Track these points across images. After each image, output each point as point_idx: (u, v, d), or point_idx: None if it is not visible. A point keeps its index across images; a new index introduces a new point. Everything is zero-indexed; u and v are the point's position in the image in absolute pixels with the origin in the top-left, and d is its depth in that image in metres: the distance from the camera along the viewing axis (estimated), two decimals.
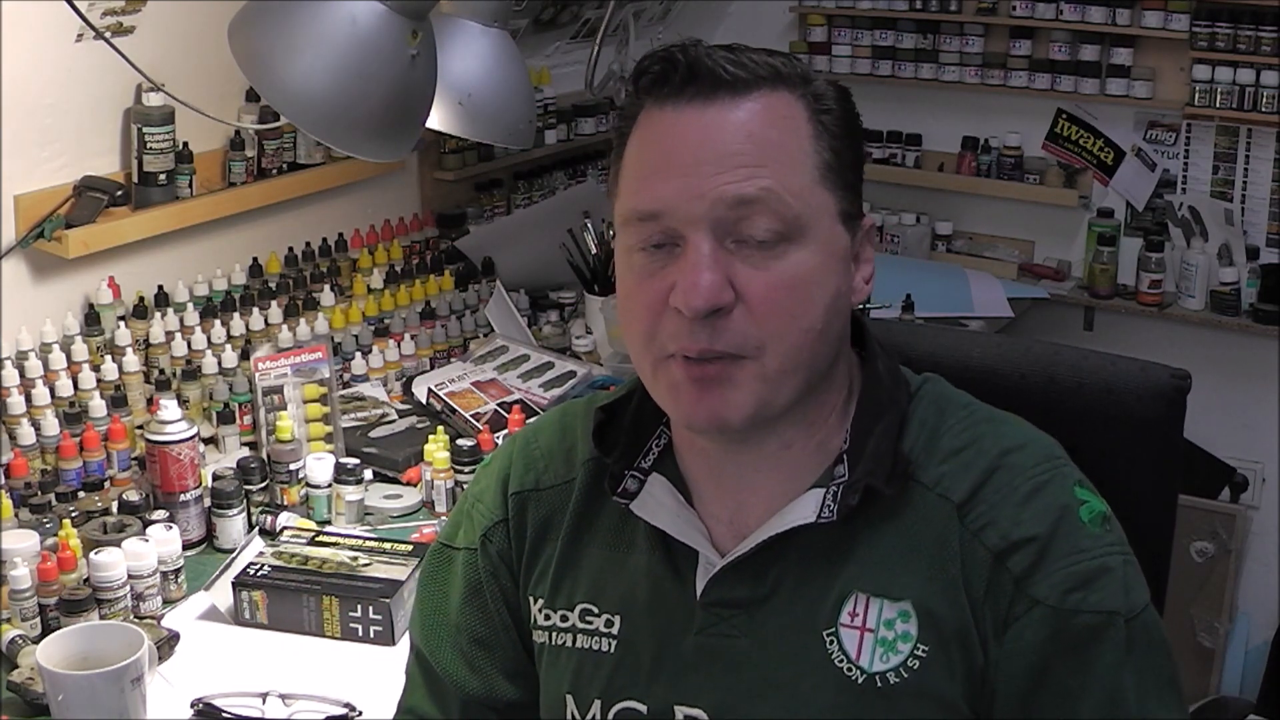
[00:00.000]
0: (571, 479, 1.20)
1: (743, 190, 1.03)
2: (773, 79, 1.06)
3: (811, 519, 1.08)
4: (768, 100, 1.05)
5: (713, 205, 1.03)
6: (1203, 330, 3.29)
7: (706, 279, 1.02)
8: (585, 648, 1.16)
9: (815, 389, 1.09)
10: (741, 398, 1.05)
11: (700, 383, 1.05)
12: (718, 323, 1.03)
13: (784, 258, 1.04)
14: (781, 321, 1.04)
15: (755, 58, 1.07)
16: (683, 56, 1.05)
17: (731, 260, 1.04)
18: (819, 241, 1.05)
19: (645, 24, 3.45)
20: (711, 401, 1.05)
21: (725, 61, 1.05)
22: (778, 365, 1.05)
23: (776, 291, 1.04)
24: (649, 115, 1.07)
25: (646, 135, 1.07)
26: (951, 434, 1.10)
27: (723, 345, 1.04)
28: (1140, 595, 1.06)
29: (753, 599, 1.10)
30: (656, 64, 1.07)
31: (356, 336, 2.54)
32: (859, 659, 1.06)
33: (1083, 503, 1.07)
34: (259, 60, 1.85)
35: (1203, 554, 3.26)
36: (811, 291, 1.05)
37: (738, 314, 1.03)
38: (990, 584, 1.04)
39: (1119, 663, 1.03)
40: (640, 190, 1.06)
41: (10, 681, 1.59)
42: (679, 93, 1.05)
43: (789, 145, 1.05)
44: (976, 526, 1.05)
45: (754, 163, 1.03)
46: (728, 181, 1.03)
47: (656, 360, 1.07)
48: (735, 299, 1.03)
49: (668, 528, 1.13)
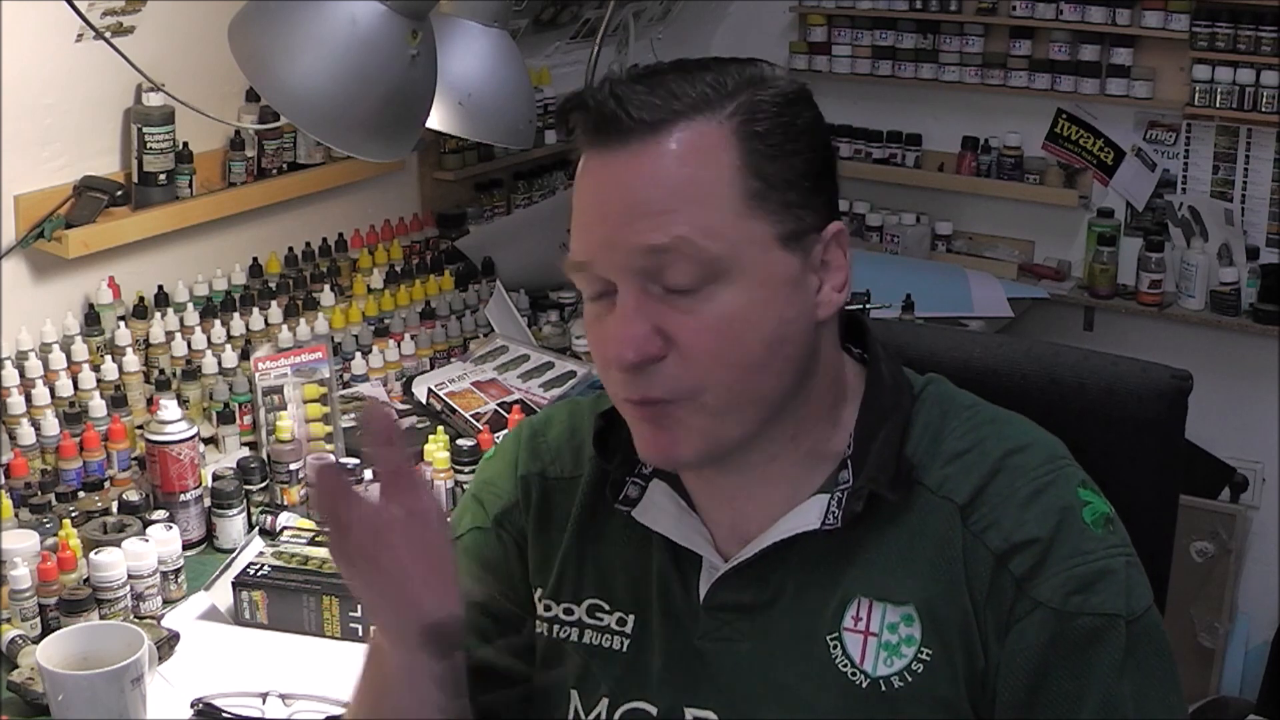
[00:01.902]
0: (579, 475, 1.19)
1: (653, 240, 1.00)
2: (690, 109, 1.02)
3: (816, 525, 1.08)
4: (683, 135, 1.02)
5: (628, 255, 1.01)
6: (1203, 330, 3.29)
7: (630, 332, 1.02)
8: (595, 644, 1.16)
9: (786, 407, 1.07)
10: (690, 437, 1.05)
11: (650, 423, 1.05)
12: (650, 371, 1.03)
13: (711, 299, 1.02)
14: (714, 364, 1.02)
15: (675, 86, 1.03)
16: (594, 99, 1.03)
17: (660, 307, 1.02)
18: (750, 276, 1.02)
19: (645, 24, 3.45)
20: (663, 441, 1.05)
21: (634, 104, 1.01)
22: (718, 404, 1.04)
23: (706, 336, 1.02)
24: (584, 159, 1.07)
25: (580, 182, 1.07)
26: (955, 436, 1.10)
27: (658, 392, 1.03)
28: (1142, 598, 1.05)
29: (756, 604, 1.09)
30: (574, 109, 1.05)
31: (356, 336, 2.54)
32: (863, 663, 1.06)
33: (1086, 504, 1.06)
34: (259, 60, 1.85)
35: (1203, 554, 3.25)
36: (744, 330, 1.02)
37: (670, 360, 1.02)
38: (992, 586, 1.04)
39: (1119, 666, 1.03)
40: (574, 239, 1.06)
41: (10, 681, 1.59)
42: (595, 139, 1.04)
43: (705, 183, 1.02)
44: (979, 528, 1.05)
45: (664, 209, 1.01)
46: (640, 231, 1.01)
47: (616, 402, 1.09)
48: (667, 346, 1.02)
49: (670, 533, 1.12)
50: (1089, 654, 1.03)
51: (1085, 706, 1.02)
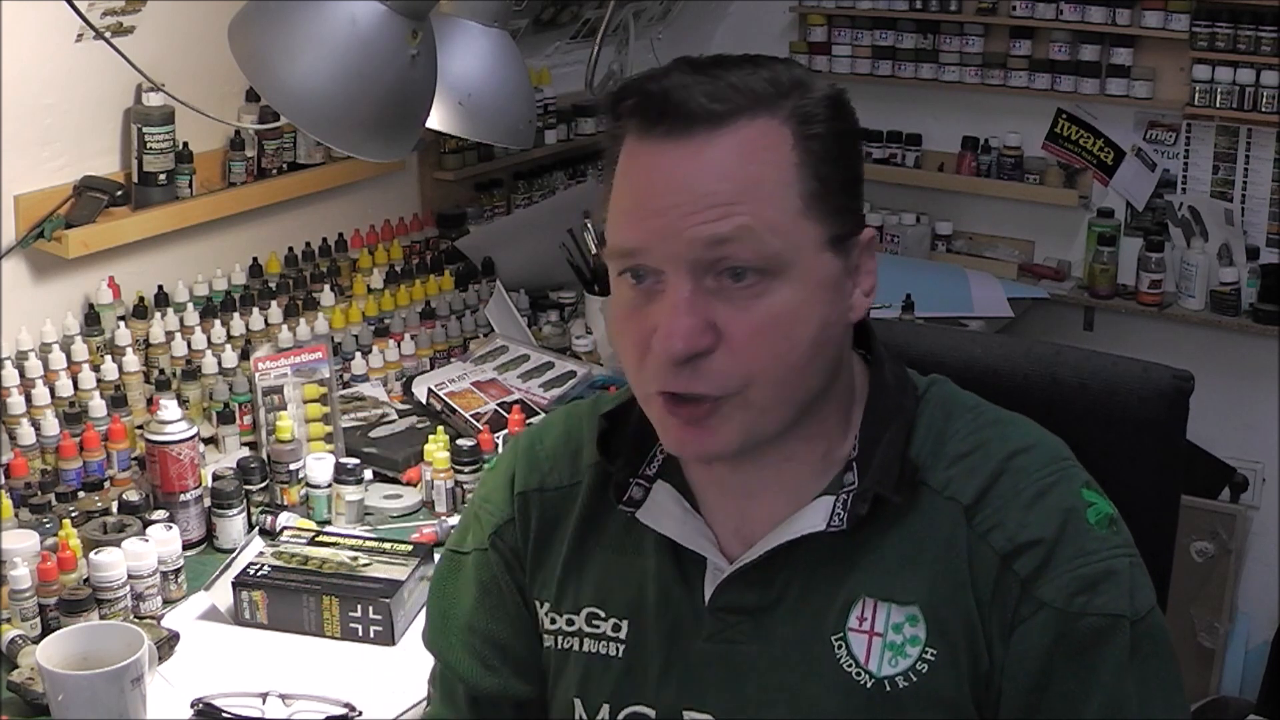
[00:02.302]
0: (577, 482, 1.19)
1: (717, 230, 1.00)
2: (752, 106, 1.02)
3: (821, 527, 1.08)
4: (746, 132, 1.02)
5: (689, 246, 1.01)
6: (1203, 330, 3.29)
7: (684, 325, 1.01)
8: (592, 651, 1.16)
9: (811, 407, 1.08)
10: (728, 431, 1.04)
11: (688, 424, 1.05)
12: (700, 365, 1.02)
13: (765, 296, 1.02)
14: (765, 361, 1.02)
15: (738, 80, 1.03)
16: (656, 88, 1.02)
17: (712, 301, 1.02)
18: (802, 276, 1.03)
19: (645, 24, 3.45)
20: (698, 436, 1.05)
21: (701, 93, 1.01)
22: (762, 401, 1.04)
23: (759, 332, 1.02)
24: (630, 146, 1.05)
25: (628, 169, 1.05)
26: (958, 437, 1.10)
27: (704, 387, 1.02)
28: (1146, 598, 1.06)
29: (761, 605, 1.10)
30: (632, 96, 1.04)
31: (356, 336, 2.54)
32: (868, 663, 1.06)
33: (1090, 505, 1.06)
34: (259, 60, 1.85)
35: (1203, 554, 3.25)
36: (795, 329, 1.03)
37: (719, 354, 1.02)
38: (997, 586, 1.04)
39: (1123, 666, 1.03)
40: (620, 226, 1.05)
41: (10, 681, 1.59)
42: (653, 128, 1.02)
43: (768, 179, 1.02)
44: (984, 529, 1.05)
45: (730, 200, 1.00)
46: (702, 221, 1.00)
47: (645, 394, 1.07)
48: (716, 340, 1.02)
49: (674, 535, 1.12)
50: (1093, 654, 1.03)
51: (1089, 707, 1.03)
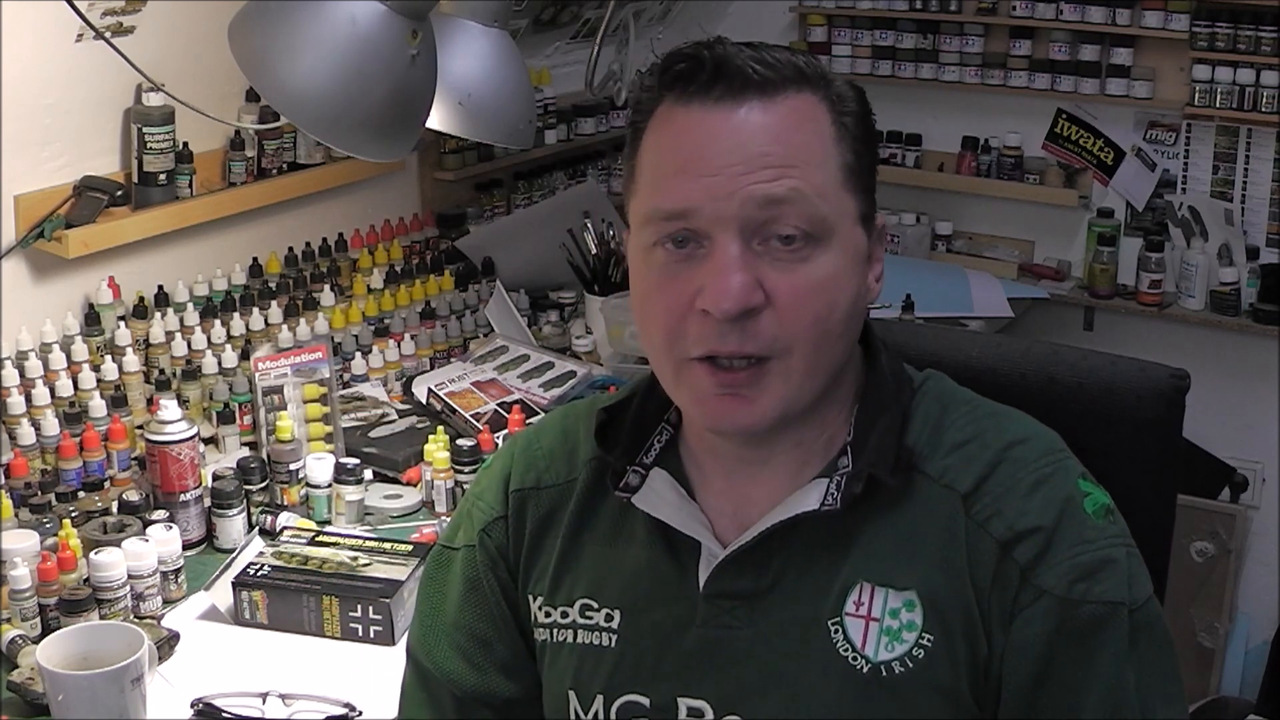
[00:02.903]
0: (573, 479, 1.20)
1: (772, 190, 1.02)
2: (798, 80, 1.06)
3: (814, 507, 1.08)
4: (794, 102, 1.05)
5: (742, 205, 1.03)
6: (1203, 330, 3.29)
7: (738, 280, 1.02)
8: (586, 643, 1.16)
9: (828, 388, 1.10)
10: (767, 402, 1.06)
11: (728, 392, 1.05)
12: (747, 325, 1.03)
13: (810, 260, 1.04)
14: (808, 324, 1.04)
15: (780, 56, 1.06)
16: (709, 54, 1.05)
17: (758, 262, 1.04)
18: (842, 244, 1.06)
19: (645, 24, 3.45)
20: (738, 407, 1.06)
21: (752, 61, 1.04)
22: (802, 367, 1.05)
23: (805, 294, 1.04)
24: (670, 112, 1.06)
25: (669, 132, 1.06)
26: (955, 428, 1.11)
27: (752, 347, 1.04)
28: (1143, 587, 1.07)
29: (755, 590, 1.10)
30: (682, 61, 1.06)
31: (356, 336, 2.54)
32: (864, 648, 1.07)
33: (1086, 495, 1.07)
34: (259, 60, 1.85)
35: (1203, 554, 3.25)
36: (836, 294, 1.05)
37: (766, 316, 1.04)
38: (997, 574, 1.05)
39: (1122, 654, 1.04)
40: (665, 189, 1.06)
41: (10, 681, 1.59)
42: (705, 92, 1.04)
43: (814, 147, 1.05)
44: (982, 517, 1.06)
45: (782, 163, 1.03)
46: (756, 182, 1.02)
47: (680, 363, 1.07)
48: (765, 301, 1.03)
49: (669, 520, 1.13)
50: (1093, 642, 1.03)
51: (1089, 694, 1.03)
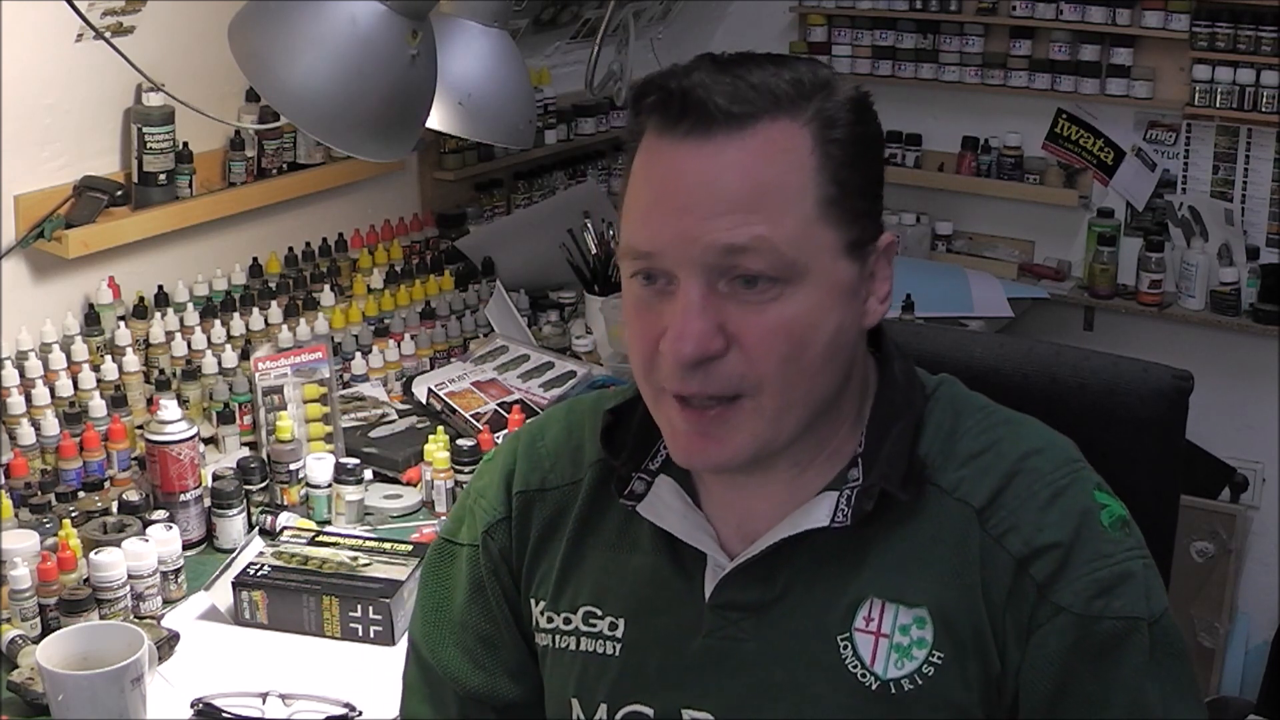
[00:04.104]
0: (578, 480, 1.18)
1: (733, 239, 0.99)
2: (773, 108, 1.01)
3: (824, 523, 1.07)
4: (767, 135, 1.01)
5: (704, 251, 1.00)
6: (1203, 330, 3.29)
7: (694, 328, 1.00)
8: (590, 650, 1.15)
9: (823, 414, 1.07)
10: (741, 440, 1.04)
11: (698, 432, 1.04)
12: (710, 368, 1.01)
13: (779, 300, 1.01)
14: (776, 365, 1.01)
15: (760, 81, 1.01)
16: (677, 86, 1.01)
17: (724, 304, 1.01)
18: (817, 282, 1.02)
19: (645, 24, 3.45)
20: (708, 448, 1.04)
21: (722, 94, 1.00)
22: (775, 404, 1.03)
23: (771, 336, 1.01)
24: (649, 143, 1.04)
25: (645, 165, 1.04)
26: (969, 437, 1.09)
27: (716, 388, 1.02)
28: (1160, 600, 1.05)
29: (762, 602, 1.09)
30: (653, 93, 1.03)
31: (356, 336, 2.54)
32: (873, 665, 1.05)
33: (1103, 507, 1.06)
34: (259, 60, 1.85)
35: (1203, 554, 3.25)
36: (808, 334, 1.02)
37: (732, 357, 1.01)
38: (1012, 591, 1.03)
39: (1143, 669, 1.03)
40: (635, 226, 1.04)
41: (10, 681, 1.58)
42: (674, 126, 1.01)
43: (787, 184, 1.01)
44: (998, 532, 1.04)
45: (747, 208, 0.99)
46: (720, 229, 0.99)
47: (656, 391, 1.06)
48: (727, 345, 1.01)
49: (675, 530, 1.11)
50: (1113, 657, 1.02)
51: (1111, 710, 1.02)
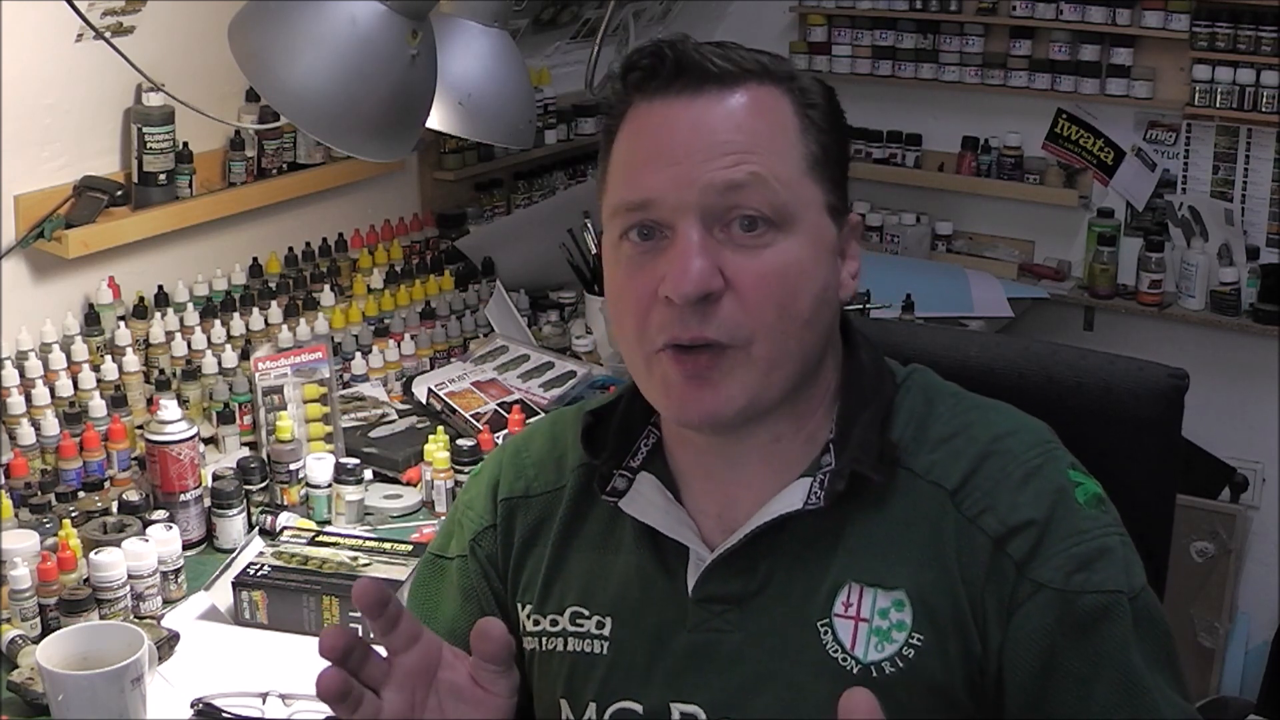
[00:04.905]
0: (561, 486, 1.20)
1: (732, 176, 1.04)
2: (759, 73, 1.08)
3: (799, 506, 1.08)
4: (755, 93, 1.07)
5: (702, 192, 1.04)
6: (1202, 330, 3.29)
7: (696, 265, 1.03)
8: (577, 650, 1.16)
9: (805, 382, 1.09)
10: (733, 391, 1.05)
11: (693, 379, 1.05)
12: (708, 310, 1.04)
13: (773, 246, 1.05)
14: (771, 310, 1.04)
15: (742, 53, 1.08)
16: (670, 51, 1.07)
17: (720, 249, 1.04)
18: (807, 232, 1.06)
19: (645, 24, 3.45)
20: (703, 397, 1.06)
21: (712, 55, 1.06)
22: (767, 355, 1.05)
23: (766, 280, 1.04)
24: (637, 110, 1.09)
25: (635, 129, 1.08)
26: (941, 422, 1.11)
27: (713, 333, 1.04)
28: (1140, 574, 1.06)
29: (744, 593, 1.10)
30: (645, 59, 1.08)
31: (356, 336, 2.54)
32: (854, 649, 1.06)
33: (1077, 484, 1.07)
34: (259, 60, 1.85)
35: (1203, 554, 3.25)
36: (800, 282, 1.06)
37: (727, 302, 1.04)
38: (990, 570, 1.04)
39: (1127, 641, 1.03)
40: (630, 181, 1.07)
41: (10, 681, 1.59)
42: (667, 86, 1.07)
43: (776, 136, 1.07)
44: (973, 513, 1.06)
45: (742, 150, 1.04)
46: (717, 168, 1.04)
47: (649, 355, 1.07)
48: (725, 286, 1.04)
49: (656, 524, 1.12)
50: (1096, 632, 1.03)
51: (1099, 684, 1.03)
